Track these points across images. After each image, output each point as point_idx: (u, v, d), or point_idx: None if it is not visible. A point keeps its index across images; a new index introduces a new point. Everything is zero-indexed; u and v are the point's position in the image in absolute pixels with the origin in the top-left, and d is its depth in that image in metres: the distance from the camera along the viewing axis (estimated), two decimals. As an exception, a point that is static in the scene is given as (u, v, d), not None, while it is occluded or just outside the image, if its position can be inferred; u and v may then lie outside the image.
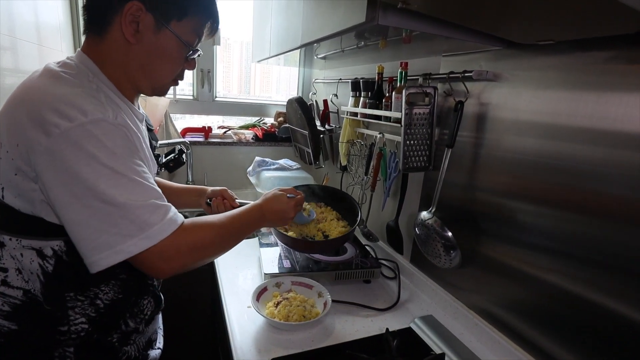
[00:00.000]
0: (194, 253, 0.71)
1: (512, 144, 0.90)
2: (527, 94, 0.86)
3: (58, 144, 0.58)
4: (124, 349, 0.77)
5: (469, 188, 1.03)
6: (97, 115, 0.60)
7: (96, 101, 0.63)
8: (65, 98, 0.60)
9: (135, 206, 0.62)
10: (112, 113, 0.63)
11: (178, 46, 0.73)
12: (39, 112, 0.58)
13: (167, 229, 0.65)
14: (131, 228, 0.61)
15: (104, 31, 0.70)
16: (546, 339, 0.83)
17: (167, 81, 0.78)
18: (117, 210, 0.60)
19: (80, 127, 0.58)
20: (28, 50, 1.29)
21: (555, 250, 0.80)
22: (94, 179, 0.59)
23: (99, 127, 0.60)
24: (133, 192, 0.62)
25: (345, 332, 0.99)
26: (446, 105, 1.10)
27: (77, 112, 0.59)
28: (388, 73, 1.31)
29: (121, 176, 0.61)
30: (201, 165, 2.08)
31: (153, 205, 0.64)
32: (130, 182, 0.62)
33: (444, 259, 1.03)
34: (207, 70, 2.11)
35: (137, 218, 0.62)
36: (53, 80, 0.63)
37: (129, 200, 0.61)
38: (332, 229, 1.22)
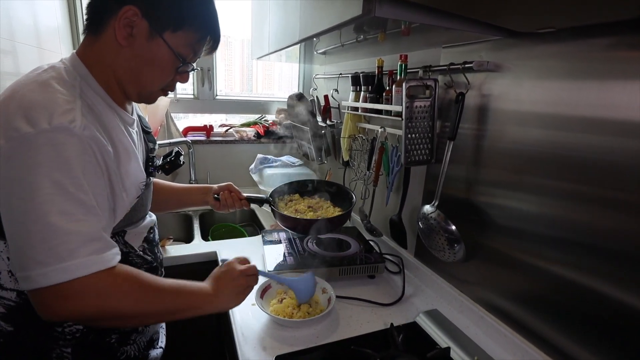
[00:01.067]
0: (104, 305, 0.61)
1: (514, 135, 0.89)
2: (529, 83, 0.84)
3: (12, 149, 0.56)
4: (122, 349, 0.77)
5: (472, 180, 1.02)
6: (63, 124, 0.58)
7: (69, 108, 0.60)
8: (38, 104, 0.59)
9: (64, 231, 0.57)
10: (80, 123, 0.60)
11: (169, 57, 0.72)
12: (8, 115, 0.58)
13: (89, 266, 0.58)
14: (48, 254, 0.56)
15: (100, 31, 0.70)
16: (553, 331, 0.82)
17: (154, 89, 0.77)
18: (41, 229, 0.56)
19: (40, 134, 0.56)
20: (28, 53, 1.29)
21: (561, 241, 0.79)
22: (33, 190, 0.56)
23: (61, 137, 0.58)
24: (71, 212, 0.57)
25: (350, 328, 0.99)
26: (447, 98, 1.08)
27: (44, 118, 0.57)
28: (388, 66, 1.30)
29: (65, 192, 0.57)
30: (203, 164, 2.08)
31: (86, 235, 0.59)
32: (71, 201, 0.58)
33: (448, 253, 1.02)
34: (207, 69, 2.11)
35: (59, 245, 0.56)
36: (37, 88, 0.62)
37: (60, 222, 0.56)
38: (328, 214, 1.28)
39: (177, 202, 1.17)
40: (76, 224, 0.58)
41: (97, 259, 0.59)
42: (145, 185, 0.80)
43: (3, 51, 1.15)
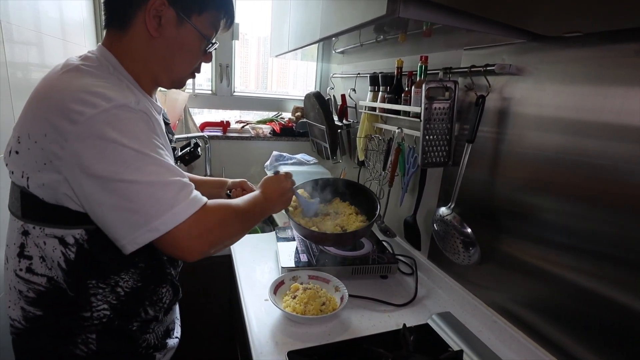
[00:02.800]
0: (219, 230, 0.70)
1: (534, 140, 0.88)
2: (552, 88, 0.83)
3: (84, 131, 0.59)
4: (143, 337, 0.79)
5: (489, 184, 1.01)
6: (120, 101, 0.62)
7: (118, 89, 0.65)
8: (87, 87, 0.62)
9: (162, 184, 0.63)
10: (134, 99, 0.65)
11: (198, 39, 0.76)
12: (63, 102, 0.60)
13: (194, 206, 0.65)
14: (159, 207, 0.62)
15: (127, 26, 0.72)
16: (568, 339, 0.81)
17: (185, 74, 0.81)
18: (143, 189, 0.61)
19: (104, 112, 0.60)
20: (53, 46, 1.33)
21: (578, 248, 0.78)
22: (120, 161, 0.60)
23: (122, 112, 0.62)
24: (158, 171, 0.63)
25: (362, 327, 1.00)
26: (467, 100, 1.08)
27: (100, 99, 0.60)
28: (407, 67, 1.30)
29: (146, 156, 0.62)
30: (219, 160, 2.11)
31: (178, 184, 0.65)
32: (154, 163, 0.63)
33: (462, 256, 1.02)
34: (226, 65, 2.13)
35: (164, 196, 0.62)
36: (75, 74, 0.65)
37: (155, 180, 0.62)
38: (350, 223, 1.22)
39: None
40: (169, 177, 0.64)
41: (197, 197, 0.67)
42: None
43: (30, 43, 1.18)
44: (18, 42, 1.10)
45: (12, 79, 1.05)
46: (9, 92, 1.04)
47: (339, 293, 1.07)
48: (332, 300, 1.05)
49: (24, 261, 0.70)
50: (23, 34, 1.13)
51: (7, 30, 1.03)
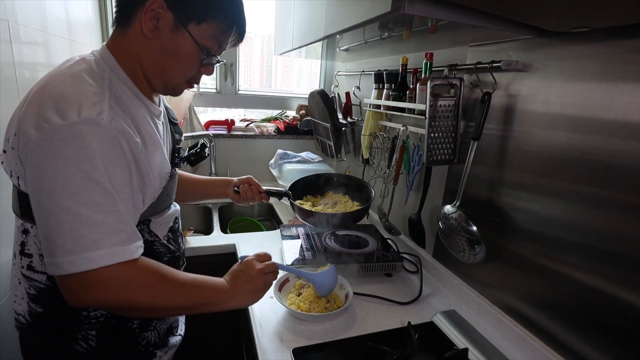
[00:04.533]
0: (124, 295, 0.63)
1: (541, 137, 0.87)
2: (559, 85, 0.82)
3: (42, 139, 0.58)
4: (144, 335, 0.80)
5: (495, 182, 1.00)
6: (91, 116, 0.59)
7: (97, 100, 0.62)
8: (69, 96, 0.60)
9: (90, 221, 0.58)
10: (107, 115, 0.61)
11: (193, 49, 0.72)
12: (40, 106, 0.60)
13: (113, 257, 0.60)
14: (75, 243, 0.58)
15: (127, 24, 0.71)
16: (575, 338, 0.81)
17: (179, 82, 0.77)
18: (68, 219, 0.58)
19: (69, 126, 0.58)
20: (60, 45, 1.34)
21: (586, 247, 0.78)
22: (63, 180, 0.58)
23: (89, 129, 0.59)
24: (94, 204, 0.59)
25: (367, 324, 0.99)
26: (472, 97, 1.07)
27: (73, 110, 0.59)
28: (412, 64, 1.29)
29: (93, 184, 0.59)
30: (224, 158, 2.11)
31: (110, 226, 0.60)
32: (99, 193, 0.59)
33: (467, 254, 1.01)
34: (230, 64, 2.13)
35: (85, 235, 0.58)
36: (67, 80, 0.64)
37: (85, 213, 0.58)
38: (348, 208, 1.31)
39: (199, 194, 1.19)
40: (103, 215, 0.59)
41: (122, 250, 0.61)
42: (170, 175, 0.82)
43: (37, 43, 1.19)
44: (25, 42, 1.11)
45: (20, 79, 1.06)
46: (17, 92, 1.05)
47: (344, 291, 1.07)
48: (336, 297, 1.05)
49: (25, 259, 0.71)
50: (30, 34, 1.14)
51: (15, 30, 1.04)
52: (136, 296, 0.64)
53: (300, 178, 1.45)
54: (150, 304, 0.66)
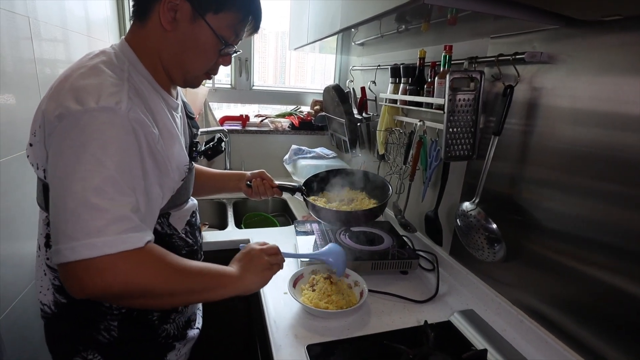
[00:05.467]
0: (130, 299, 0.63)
1: (566, 133, 0.83)
2: (586, 78, 0.79)
3: (62, 126, 0.59)
4: (163, 327, 0.81)
5: (516, 179, 0.97)
6: (109, 104, 0.60)
7: (116, 90, 0.62)
8: (88, 86, 0.61)
9: (96, 206, 0.57)
10: (126, 105, 0.61)
11: (212, 39, 0.72)
12: (60, 97, 0.61)
13: (117, 245, 0.58)
14: (77, 229, 0.56)
15: (146, 17, 0.71)
16: (600, 340, 0.78)
17: (198, 73, 0.78)
18: (73, 203, 0.57)
19: (86, 112, 0.58)
20: (78, 42, 1.36)
21: (613, 247, 0.74)
22: (74, 165, 0.57)
23: (106, 116, 0.59)
24: (102, 190, 0.58)
25: (382, 323, 0.98)
26: (493, 91, 1.04)
27: (92, 98, 0.59)
28: (430, 58, 1.26)
29: (103, 170, 0.58)
30: (239, 153, 2.12)
31: (118, 214, 0.59)
32: (108, 180, 0.58)
33: (487, 252, 0.98)
34: (245, 59, 2.13)
35: (88, 220, 0.56)
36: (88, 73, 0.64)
37: (91, 198, 0.57)
38: (364, 206, 1.28)
39: (213, 188, 1.19)
40: (109, 202, 0.58)
41: (126, 238, 0.59)
42: (188, 169, 0.82)
43: (57, 40, 1.21)
44: (46, 39, 1.13)
45: (40, 75, 1.08)
46: (37, 88, 1.07)
47: (359, 288, 1.06)
48: (351, 294, 1.04)
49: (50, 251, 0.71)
50: (50, 31, 1.16)
51: (35, 27, 1.06)
52: (142, 282, 0.61)
53: (317, 173, 1.41)
54: (157, 290, 0.64)
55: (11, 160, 0.96)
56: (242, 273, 0.77)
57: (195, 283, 0.69)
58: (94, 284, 0.58)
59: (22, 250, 1.02)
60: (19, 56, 1.00)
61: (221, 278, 0.74)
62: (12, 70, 0.97)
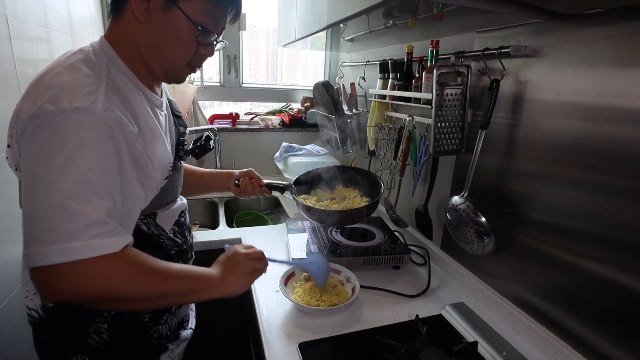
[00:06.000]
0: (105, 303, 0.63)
1: (552, 126, 0.84)
2: (570, 70, 0.79)
3: (34, 127, 0.58)
4: (155, 328, 0.80)
5: (504, 172, 0.98)
6: (84, 105, 0.58)
7: (93, 89, 0.61)
8: (64, 85, 0.60)
9: (67, 211, 0.55)
10: (102, 104, 0.60)
11: (187, 26, 0.69)
12: (36, 97, 0.59)
13: (90, 250, 0.56)
14: (47, 234, 0.55)
15: (121, 11, 0.70)
16: (587, 330, 0.79)
17: (179, 65, 0.75)
18: (44, 207, 0.55)
19: (60, 113, 0.57)
20: (62, 41, 1.33)
21: (598, 237, 0.75)
22: (45, 167, 0.56)
23: (80, 116, 0.58)
24: (75, 193, 0.56)
25: (374, 318, 0.98)
26: (480, 85, 1.04)
27: (66, 98, 0.58)
28: (418, 53, 1.26)
29: (76, 172, 0.56)
30: (229, 152, 2.10)
31: (91, 218, 0.57)
32: (82, 182, 0.57)
33: (476, 245, 0.99)
34: (234, 57, 2.11)
35: (60, 225, 0.55)
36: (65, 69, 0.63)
37: (63, 202, 0.55)
38: (356, 204, 1.24)
39: (202, 187, 1.18)
40: (82, 206, 0.56)
41: (99, 242, 0.57)
42: (174, 168, 0.81)
43: (39, 39, 1.19)
44: (27, 38, 1.11)
45: (21, 75, 1.06)
46: (17, 87, 1.05)
47: (351, 284, 1.06)
48: (343, 291, 1.04)
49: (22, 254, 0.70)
50: (32, 30, 1.14)
51: (14, 25, 1.03)
52: (117, 287, 0.60)
53: (308, 171, 1.38)
54: (134, 294, 0.62)
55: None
56: (225, 276, 0.77)
57: (175, 286, 0.68)
58: (65, 289, 0.57)
59: (5, 254, 1.00)
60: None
61: (202, 281, 0.73)
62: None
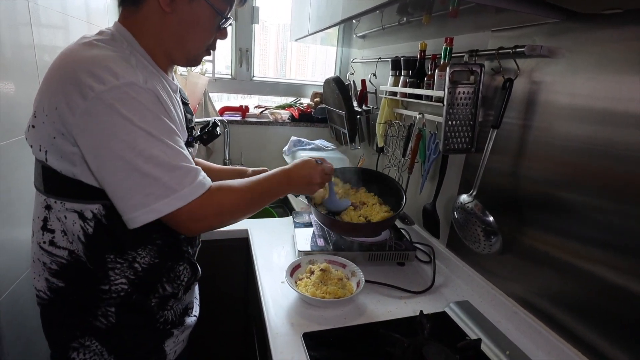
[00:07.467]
0: (219, 216, 0.74)
1: (564, 129, 0.84)
2: (585, 73, 0.79)
3: (94, 106, 0.60)
4: (161, 313, 0.81)
5: (514, 172, 0.97)
6: (129, 79, 0.62)
7: (127, 65, 0.65)
8: (98, 60, 0.62)
9: (169, 168, 0.65)
10: (142, 77, 0.65)
11: (211, 15, 0.74)
12: (74, 74, 0.61)
13: (196, 191, 0.67)
14: (163, 189, 0.64)
15: (140, 2, 0.71)
16: (593, 333, 0.79)
17: (200, 50, 0.80)
18: (152, 172, 0.63)
19: (114, 89, 0.60)
20: (78, 28, 1.35)
21: (606, 243, 0.75)
22: (131, 140, 0.62)
23: (131, 90, 0.62)
24: (166, 155, 0.65)
25: (378, 312, 0.99)
26: (492, 85, 1.04)
27: (109, 75, 0.61)
28: (431, 51, 1.26)
29: (154, 139, 0.64)
30: (238, 145, 2.12)
31: (184, 169, 0.67)
32: (162, 145, 0.65)
33: (483, 245, 0.99)
34: (245, 49, 2.12)
35: (170, 180, 0.64)
36: (87, 47, 0.66)
37: (163, 163, 0.64)
38: (374, 214, 1.18)
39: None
40: (173, 161, 0.65)
41: (199, 184, 0.68)
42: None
43: (57, 26, 1.20)
44: (46, 25, 1.12)
45: (39, 62, 1.08)
46: (36, 74, 1.06)
47: (356, 278, 1.07)
48: (348, 284, 1.05)
49: (47, 234, 0.72)
50: (50, 16, 1.15)
51: (35, 12, 1.05)
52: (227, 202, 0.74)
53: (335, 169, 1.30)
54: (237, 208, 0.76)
55: (10, 145, 0.96)
56: (292, 180, 0.87)
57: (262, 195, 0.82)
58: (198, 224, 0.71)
59: (21, 235, 1.02)
60: (18, 42, 0.99)
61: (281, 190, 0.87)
62: (11, 56, 0.96)
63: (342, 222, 1.11)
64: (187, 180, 0.67)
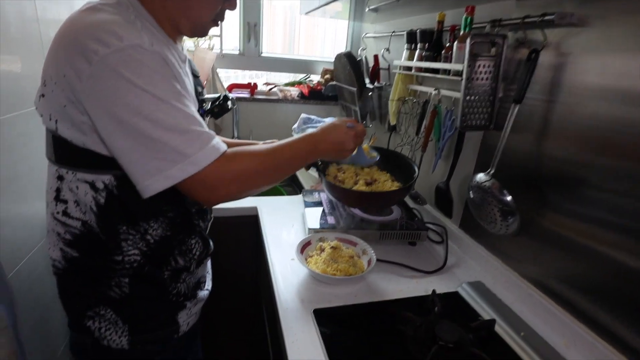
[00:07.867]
0: (237, 182, 0.70)
1: (592, 108, 0.79)
2: (620, 45, 0.73)
3: (99, 71, 0.58)
4: (174, 285, 0.81)
5: (535, 151, 0.93)
6: (133, 41, 0.60)
7: (132, 28, 0.62)
8: (102, 24, 0.60)
9: (178, 132, 0.62)
10: (147, 40, 0.62)
11: None
12: (79, 40, 0.59)
13: (210, 156, 0.64)
14: (175, 154, 0.62)
15: None
16: (608, 316, 0.77)
17: (206, 20, 0.76)
18: (161, 136, 0.61)
19: (117, 52, 0.58)
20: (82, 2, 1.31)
21: (628, 227, 0.72)
22: (137, 104, 0.59)
23: (136, 52, 0.59)
24: (175, 118, 0.62)
25: (389, 291, 0.98)
26: (515, 58, 0.98)
27: (114, 38, 0.58)
28: (449, 22, 1.20)
29: (162, 102, 0.61)
30: (247, 122, 2.09)
31: (195, 132, 0.64)
32: (171, 108, 0.62)
33: (499, 225, 0.96)
34: (254, 24, 2.06)
35: (180, 145, 0.62)
36: (90, 12, 0.63)
37: (172, 127, 0.61)
38: (385, 188, 1.12)
39: None
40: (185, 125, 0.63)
41: (212, 147, 0.65)
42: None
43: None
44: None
45: (44, 37, 1.05)
46: (41, 48, 1.04)
47: (367, 256, 1.05)
48: (359, 262, 1.04)
49: (60, 205, 0.71)
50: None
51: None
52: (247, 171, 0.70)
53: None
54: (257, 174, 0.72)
55: (17, 117, 0.94)
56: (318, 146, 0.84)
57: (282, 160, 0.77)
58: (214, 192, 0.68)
59: (31, 208, 1.02)
60: (22, 16, 0.97)
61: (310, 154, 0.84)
62: (15, 30, 0.94)
63: (352, 191, 1.07)
64: (199, 144, 0.63)
